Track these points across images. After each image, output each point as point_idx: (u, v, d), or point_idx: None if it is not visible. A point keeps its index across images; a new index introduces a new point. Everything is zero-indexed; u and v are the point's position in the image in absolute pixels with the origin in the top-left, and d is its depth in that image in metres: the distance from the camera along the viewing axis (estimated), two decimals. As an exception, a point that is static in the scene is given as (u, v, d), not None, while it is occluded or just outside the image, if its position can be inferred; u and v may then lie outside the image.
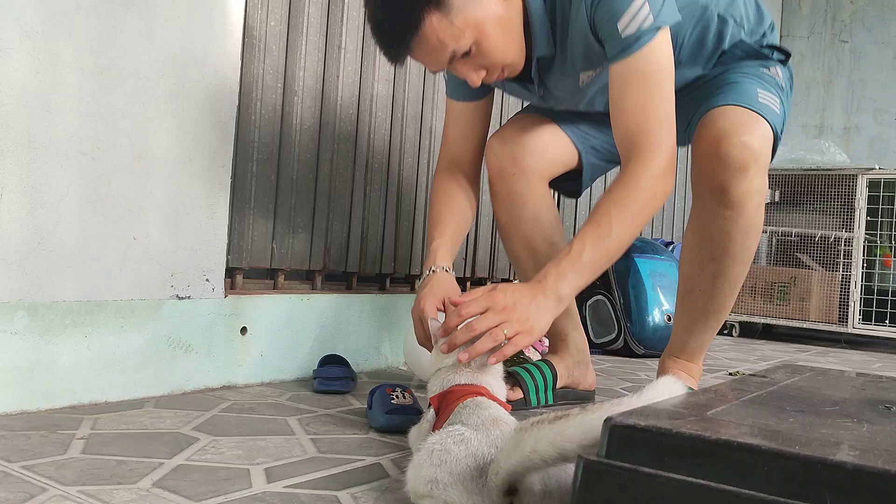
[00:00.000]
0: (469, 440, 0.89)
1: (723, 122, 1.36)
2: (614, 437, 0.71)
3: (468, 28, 1.22)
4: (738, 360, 2.79)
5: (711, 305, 1.51)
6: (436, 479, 0.87)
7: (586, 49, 1.35)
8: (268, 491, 1.02)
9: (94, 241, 1.44)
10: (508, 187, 1.61)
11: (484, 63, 1.28)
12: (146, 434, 1.27)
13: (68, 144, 1.39)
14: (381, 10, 1.22)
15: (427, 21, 1.19)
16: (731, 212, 1.38)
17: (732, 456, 0.65)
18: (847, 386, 1.05)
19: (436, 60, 1.26)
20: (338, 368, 1.73)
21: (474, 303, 1.15)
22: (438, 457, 0.89)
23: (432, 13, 1.19)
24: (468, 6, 1.21)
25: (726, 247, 1.42)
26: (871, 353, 3.41)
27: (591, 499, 0.71)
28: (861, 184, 3.40)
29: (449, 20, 1.20)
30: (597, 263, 1.21)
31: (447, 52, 1.23)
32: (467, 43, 1.23)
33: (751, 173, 1.34)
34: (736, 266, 1.45)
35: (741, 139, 1.33)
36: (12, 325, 1.33)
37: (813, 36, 4.36)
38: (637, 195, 1.23)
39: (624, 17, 1.25)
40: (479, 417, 0.96)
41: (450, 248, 1.44)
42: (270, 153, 1.80)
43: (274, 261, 1.83)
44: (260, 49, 1.76)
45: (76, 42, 1.39)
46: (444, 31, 1.20)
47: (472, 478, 0.85)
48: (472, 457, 0.87)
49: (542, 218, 1.63)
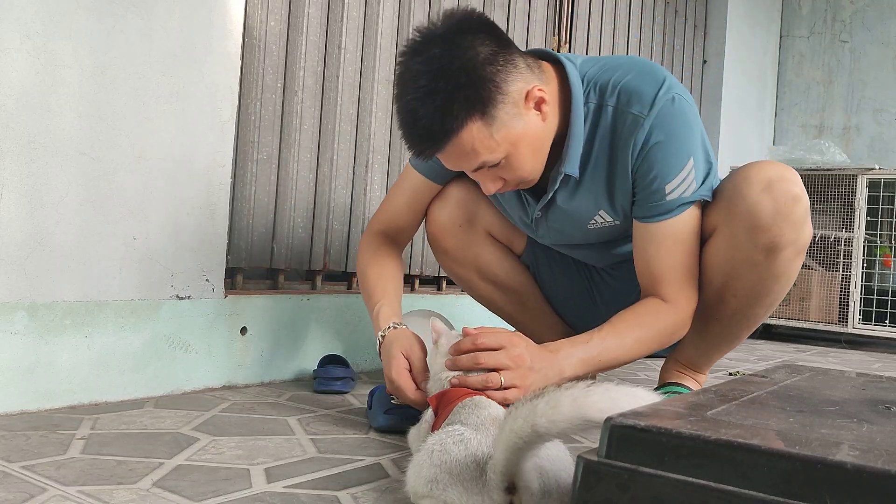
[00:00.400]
0: (468, 440, 0.89)
1: (771, 169, 1.30)
2: (614, 437, 0.71)
3: (505, 143, 1.19)
4: (738, 360, 2.79)
5: (726, 335, 1.46)
6: (435, 479, 0.88)
7: (613, 187, 1.32)
8: (268, 491, 1.02)
9: (94, 241, 1.44)
10: (456, 240, 1.57)
11: (506, 176, 1.25)
12: (146, 434, 1.26)
13: (68, 144, 1.39)
14: (421, 103, 1.13)
15: (467, 128, 1.15)
16: (765, 256, 1.30)
17: (732, 456, 0.65)
18: (847, 386, 1.05)
19: (461, 165, 1.23)
20: (338, 368, 1.73)
21: (493, 336, 1.15)
22: (438, 457, 0.89)
23: (476, 121, 1.15)
24: (511, 122, 1.18)
25: (754, 287, 1.35)
26: (871, 353, 3.41)
27: (591, 499, 0.71)
28: (861, 184, 3.40)
29: (490, 132, 1.17)
30: (601, 365, 1.27)
31: (477, 161, 1.20)
32: (500, 157, 1.20)
33: (797, 219, 1.29)
34: (759, 308, 1.39)
35: (793, 185, 1.28)
36: (12, 325, 1.33)
37: (813, 36, 4.36)
38: (660, 329, 1.31)
39: (674, 181, 1.26)
40: (478, 417, 0.96)
41: (394, 307, 1.40)
42: (270, 153, 1.80)
43: (274, 261, 1.83)
44: (260, 49, 1.76)
45: (76, 42, 1.39)
46: (481, 141, 1.17)
47: (472, 478, 0.86)
48: (472, 457, 0.87)
49: (496, 261, 1.63)
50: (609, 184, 1.33)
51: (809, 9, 4.37)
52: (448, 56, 1.13)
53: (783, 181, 1.27)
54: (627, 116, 1.27)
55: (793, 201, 1.27)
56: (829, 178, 3.50)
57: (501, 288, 1.66)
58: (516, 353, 1.14)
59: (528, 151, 1.22)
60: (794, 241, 1.29)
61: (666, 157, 1.26)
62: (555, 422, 0.75)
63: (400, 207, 1.54)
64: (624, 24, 3.23)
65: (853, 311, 3.43)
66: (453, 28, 1.15)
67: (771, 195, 1.26)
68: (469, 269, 1.62)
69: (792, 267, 1.33)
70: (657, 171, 1.26)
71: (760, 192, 1.27)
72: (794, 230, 1.28)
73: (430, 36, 1.15)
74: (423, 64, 1.13)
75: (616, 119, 1.28)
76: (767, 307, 1.40)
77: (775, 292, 1.36)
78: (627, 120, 1.27)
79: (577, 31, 2.92)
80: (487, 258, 1.61)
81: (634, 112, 1.26)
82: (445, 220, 1.55)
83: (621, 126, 1.28)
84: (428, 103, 1.13)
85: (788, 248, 1.30)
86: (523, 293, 1.67)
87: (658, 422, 0.71)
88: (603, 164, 1.32)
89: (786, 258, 1.31)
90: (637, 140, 1.26)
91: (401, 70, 1.17)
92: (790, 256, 1.31)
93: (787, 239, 1.28)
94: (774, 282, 1.34)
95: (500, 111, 1.16)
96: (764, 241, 1.28)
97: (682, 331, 1.35)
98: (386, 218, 1.55)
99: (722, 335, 1.46)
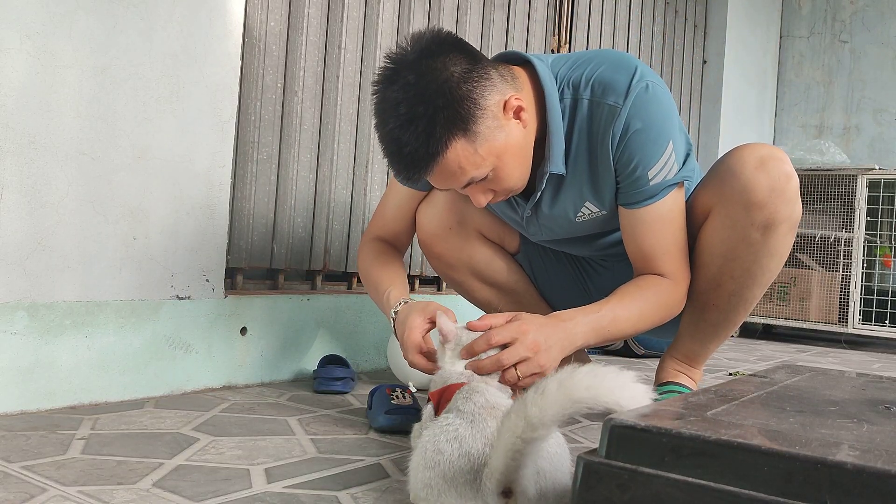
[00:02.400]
0: (462, 438, 0.88)
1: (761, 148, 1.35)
2: (614, 437, 0.71)
3: (490, 157, 1.20)
4: (738, 360, 2.79)
5: (723, 320, 1.48)
6: (430, 484, 0.87)
7: (597, 177, 1.34)
8: (268, 491, 1.02)
9: (94, 241, 1.44)
10: (448, 244, 1.58)
11: (496, 188, 1.26)
12: (146, 434, 1.26)
13: (68, 144, 1.39)
14: (403, 131, 1.14)
15: (452, 148, 1.16)
16: (761, 233, 1.34)
17: (732, 456, 0.65)
18: (847, 386, 1.05)
19: (451, 184, 1.24)
20: (338, 368, 1.73)
21: (505, 331, 1.15)
22: (432, 458, 0.88)
23: (459, 139, 1.16)
24: (493, 135, 1.19)
25: (749, 267, 1.38)
26: (871, 353, 3.41)
27: (591, 499, 0.71)
28: (861, 184, 3.40)
29: (473, 148, 1.18)
30: (608, 335, 1.29)
31: (465, 178, 1.21)
32: (486, 171, 1.21)
33: (791, 195, 1.33)
34: (755, 288, 1.42)
35: (784, 163, 1.33)
36: (12, 325, 1.33)
37: (813, 36, 4.36)
38: (661, 303, 1.35)
39: (656, 166, 1.29)
40: (474, 404, 0.94)
41: (402, 290, 1.41)
42: (270, 153, 1.80)
43: (274, 261, 1.83)
44: (260, 49, 1.76)
45: (76, 42, 1.39)
46: (467, 158, 1.18)
47: (466, 482, 0.85)
48: (466, 457, 0.86)
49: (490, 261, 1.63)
50: (592, 175, 1.35)
51: (809, 9, 4.38)
52: (423, 81, 1.14)
53: (775, 160, 1.32)
54: (604, 108, 1.28)
55: (786, 178, 1.31)
56: (829, 178, 3.50)
57: (497, 287, 1.66)
58: (530, 340, 1.15)
59: (513, 161, 1.24)
60: (788, 216, 1.34)
61: (645, 144, 1.28)
62: (544, 408, 0.75)
63: (391, 217, 1.56)
64: (624, 24, 3.23)
65: (853, 311, 3.43)
66: (424, 52, 1.16)
67: (765, 172, 1.30)
68: (464, 272, 1.62)
69: (785, 243, 1.38)
70: (638, 159, 1.28)
71: (754, 170, 1.31)
72: (788, 206, 1.33)
73: (402, 62, 1.16)
74: (400, 92, 1.14)
75: (592, 111, 1.30)
76: (762, 287, 1.43)
77: (770, 270, 1.40)
78: (604, 111, 1.28)
79: (577, 31, 2.92)
80: (481, 258, 1.62)
81: (610, 103, 1.27)
82: (435, 225, 1.56)
83: (598, 117, 1.29)
84: (410, 130, 1.14)
85: (783, 224, 1.34)
86: (520, 291, 1.67)
87: (658, 422, 0.71)
88: (584, 157, 1.33)
89: (781, 234, 1.35)
90: (615, 130, 1.27)
91: (378, 99, 1.18)
92: (784, 232, 1.35)
93: (782, 215, 1.32)
94: (770, 259, 1.38)
95: (482, 126, 1.17)
96: (760, 217, 1.32)
97: (679, 305, 1.39)
98: (379, 227, 1.57)
99: (718, 322, 1.49)
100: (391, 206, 1.56)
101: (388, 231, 1.57)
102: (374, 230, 1.57)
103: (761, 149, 1.33)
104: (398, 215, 1.56)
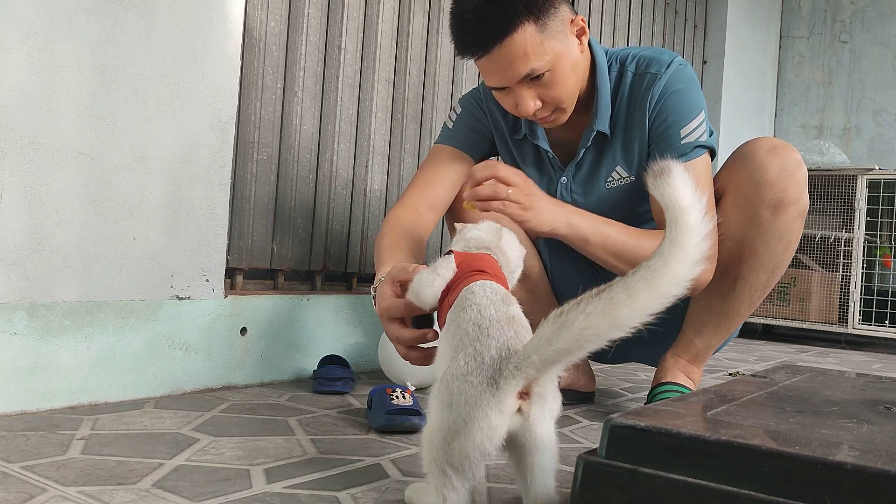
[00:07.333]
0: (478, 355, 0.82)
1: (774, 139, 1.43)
2: (614, 437, 0.71)
3: (552, 53, 1.29)
4: (738, 360, 2.79)
5: (727, 310, 1.49)
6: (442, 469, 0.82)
7: (630, 139, 1.44)
8: (268, 491, 1.02)
9: (94, 241, 1.44)
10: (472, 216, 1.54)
11: (546, 94, 1.33)
12: (146, 434, 1.26)
13: (68, 145, 1.39)
14: (485, 1, 1.23)
15: (523, 29, 1.24)
16: (771, 212, 1.39)
17: (732, 456, 0.65)
18: (847, 386, 1.05)
19: (509, 73, 1.29)
20: (338, 369, 1.73)
21: (509, 170, 1.22)
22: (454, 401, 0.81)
23: (530, 23, 1.25)
24: (558, 37, 1.30)
25: (758, 250, 1.42)
26: (871, 353, 3.41)
27: (591, 499, 0.71)
28: (861, 184, 3.40)
29: (541, 38, 1.27)
30: (604, 244, 1.33)
31: (526, 68, 1.27)
32: (546, 66, 1.29)
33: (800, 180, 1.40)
34: (761, 272, 1.44)
35: (795, 153, 1.42)
36: (12, 325, 1.33)
37: (813, 36, 4.36)
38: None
39: (688, 126, 1.38)
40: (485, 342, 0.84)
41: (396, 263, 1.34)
42: (270, 153, 1.80)
43: (274, 261, 1.83)
44: (260, 49, 1.76)
45: (76, 42, 1.39)
46: (533, 46, 1.26)
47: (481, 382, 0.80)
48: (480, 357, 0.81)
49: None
50: (626, 137, 1.44)
51: (809, 9, 4.38)
52: None
53: (787, 148, 1.40)
54: (646, 76, 1.41)
55: (796, 163, 1.39)
56: (829, 178, 3.50)
57: None
58: (529, 188, 1.24)
59: (569, 69, 1.33)
60: (797, 199, 1.39)
61: (680, 106, 1.38)
62: (635, 309, 0.72)
63: (429, 181, 1.50)
64: (624, 25, 3.24)
65: (853, 311, 3.43)
66: None
67: (777, 156, 1.38)
68: None
69: (794, 228, 1.42)
70: (673, 118, 1.38)
71: (767, 152, 1.39)
72: (797, 189, 1.39)
73: None
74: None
75: (634, 82, 1.43)
76: (768, 273, 1.45)
77: (778, 255, 1.43)
78: (645, 79, 1.41)
79: (577, 31, 2.92)
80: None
81: (652, 71, 1.41)
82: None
83: (639, 85, 1.42)
84: (492, 1, 1.23)
85: (792, 206, 1.39)
86: (534, 280, 1.65)
87: (658, 422, 0.71)
88: (622, 123, 1.44)
89: (790, 217, 1.39)
90: (654, 91, 1.39)
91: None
92: (794, 215, 1.40)
93: (791, 196, 1.38)
94: (778, 241, 1.41)
95: (552, 23, 1.28)
96: (770, 195, 1.38)
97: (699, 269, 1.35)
98: (416, 192, 1.48)
99: (722, 312, 1.50)
100: (432, 169, 1.51)
101: (424, 197, 1.48)
102: (409, 196, 1.48)
103: (774, 140, 1.42)
104: (441, 177, 1.50)
